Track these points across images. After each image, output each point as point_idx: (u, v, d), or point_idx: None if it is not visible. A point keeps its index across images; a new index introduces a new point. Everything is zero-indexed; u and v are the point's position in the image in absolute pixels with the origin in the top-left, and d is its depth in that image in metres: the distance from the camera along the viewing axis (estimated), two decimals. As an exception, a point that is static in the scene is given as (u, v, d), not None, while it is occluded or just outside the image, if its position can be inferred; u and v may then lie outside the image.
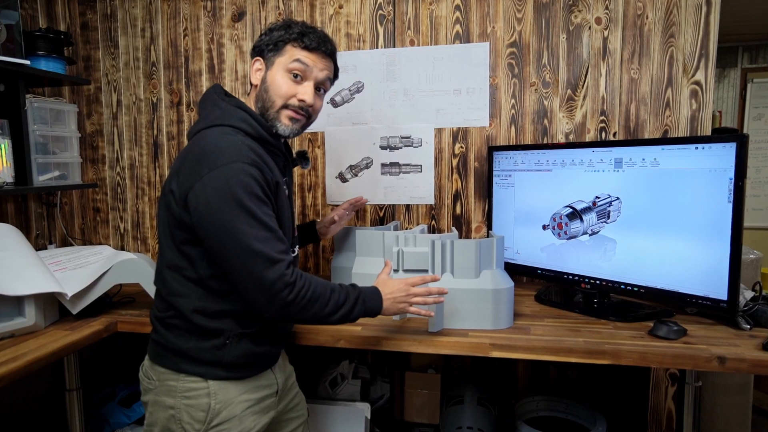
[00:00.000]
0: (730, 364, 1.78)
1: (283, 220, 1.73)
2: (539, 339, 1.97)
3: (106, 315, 2.35)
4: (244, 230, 1.53)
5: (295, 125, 1.79)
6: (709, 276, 1.98)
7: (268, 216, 1.59)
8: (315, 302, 1.62)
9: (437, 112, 2.82)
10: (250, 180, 1.56)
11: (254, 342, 1.76)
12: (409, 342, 2.01)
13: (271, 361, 1.87)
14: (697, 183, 1.99)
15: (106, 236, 3.30)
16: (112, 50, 3.17)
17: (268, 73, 1.76)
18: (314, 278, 1.66)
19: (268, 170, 1.65)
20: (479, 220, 2.85)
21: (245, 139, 1.66)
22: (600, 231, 2.27)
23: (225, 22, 3.00)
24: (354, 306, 1.71)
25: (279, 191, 1.71)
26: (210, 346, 1.70)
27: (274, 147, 1.77)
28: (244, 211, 1.54)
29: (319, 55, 1.77)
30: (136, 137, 3.20)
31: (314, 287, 1.63)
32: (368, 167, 2.92)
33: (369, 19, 2.85)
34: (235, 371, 1.74)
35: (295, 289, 1.58)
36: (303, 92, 1.75)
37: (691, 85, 2.53)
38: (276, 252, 1.56)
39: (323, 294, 1.64)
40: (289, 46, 1.75)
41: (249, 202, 1.55)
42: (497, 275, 2.13)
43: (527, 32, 2.69)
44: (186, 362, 1.71)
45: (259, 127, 1.72)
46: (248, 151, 1.60)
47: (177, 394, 1.71)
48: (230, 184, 1.54)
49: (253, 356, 1.77)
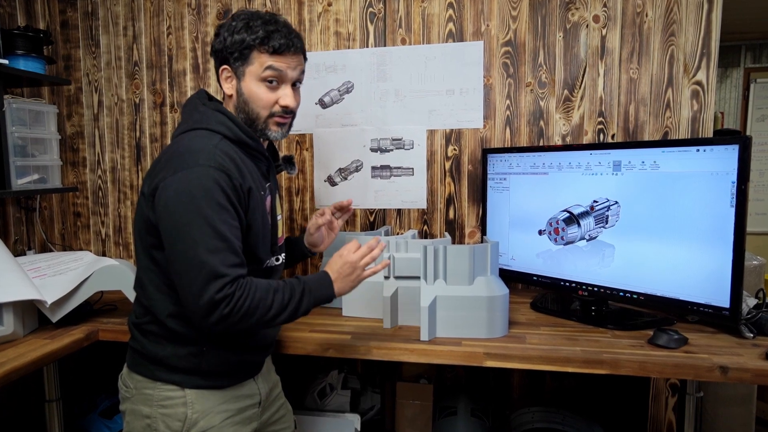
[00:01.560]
0: (733, 374, 1.78)
1: (254, 228, 1.71)
2: (535, 348, 1.96)
3: (87, 323, 2.34)
4: (195, 238, 1.51)
5: (283, 128, 1.81)
6: (711, 283, 1.98)
7: (226, 225, 1.56)
8: (256, 309, 1.57)
9: (429, 114, 2.81)
10: (213, 185, 1.54)
11: (233, 350, 1.74)
12: (401, 351, 2.02)
13: (254, 370, 1.86)
14: (698, 186, 1.98)
15: (87, 242, 3.28)
16: (93, 49, 3.16)
17: (242, 84, 1.74)
18: (257, 283, 1.60)
19: (239, 176, 1.62)
20: (473, 225, 2.83)
21: (222, 142, 1.65)
22: (598, 236, 2.26)
23: (210, 20, 2.99)
24: (300, 301, 1.67)
25: (252, 198, 1.68)
26: (186, 353, 1.69)
27: (254, 150, 1.76)
28: (200, 218, 1.52)
29: (290, 55, 1.75)
30: (118, 139, 3.18)
31: (253, 295, 1.57)
32: (358, 170, 2.91)
33: (359, 17, 2.84)
34: (213, 380, 1.73)
35: (233, 301, 1.53)
36: (284, 97, 1.76)
37: (692, 85, 2.53)
38: (223, 265, 1.53)
39: (264, 299, 1.59)
40: (255, 53, 1.71)
41: (208, 208, 1.53)
42: (492, 282, 2.12)
43: (523, 30, 2.68)
44: (162, 370, 1.70)
45: (237, 130, 1.70)
46: (219, 155, 1.59)
47: (153, 403, 1.71)
48: (191, 188, 1.53)
49: (233, 365, 1.76)
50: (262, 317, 1.59)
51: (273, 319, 1.62)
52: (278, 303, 1.62)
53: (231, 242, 1.56)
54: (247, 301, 1.55)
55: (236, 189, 1.60)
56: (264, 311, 1.59)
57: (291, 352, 2.09)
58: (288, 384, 2.16)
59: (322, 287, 1.74)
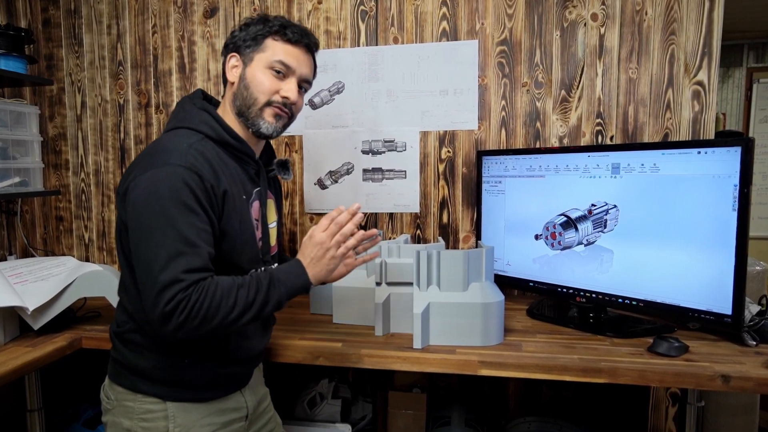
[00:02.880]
0: (735, 382, 1.77)
1: (230, 233, 1.66)
2: (531, 356, 1.95)
3: (69, 330, 2.33)
4: (157, 239, 1.48)
5: (278, 123, 1.76)
6: (713, 289, 1.97)
7: (192, 227, 1.51)
8: (217, 310, 1.49)
9: (423, 115, 2.80)
10: (181, 186, 1.51)
11: (218, 362, 1.72)
12: (393, 359, 2.00)
13: (241, 382, 1.83)
14: (699, 190, 1.98)
15: (70, 246, 3.27)
16: (76, 48, 3.15)
17: (247, 69, 1.73)
18: (218, 282, 1.52)
19: (213, 177, 1.59)
20: (467, 229, 2.83)
21: (201, 142, 1.64)
22: (596, 241, 2.25)
23: (196, 18, 2.98)
24: (268, 294, 1.58)
25: (227, 202, 1.63)
26: (168, 365, 1.67)
27: (239, 152, 1.74)
28: (165, 219, 1.48)
29: (302, 50, 1.76)
30: (101, 141, 3.17)
31: (212, 295, 1.48)
32: (349, 173, 2.90)
33: (350, 15, 2.83)
34: (196, 392, 1.70)
35: (188, 306, 1.45)
36: (287, 89, 1.73)
37: (693, 85, 2.52)
38: (182, 270, 1.47)
39: (226, 297, 1.50)
40: (269, 40, 1.72)
41: (173, 209, 1.49)
42: (486, 288, 2.11)
43: (518, 29, 2.68)
44: (143, 381, 1.68)
45: (220, 130, 1.69)
46: (192, 155, 1.57)
47: (134, 416, 1.69)
48: (158, 187, 1.50)
49: (218, 377, 1.73)
50: (226, 317, 1.51)
51: (239, 317, 1.53)
52: (243, 300, 1.53)
53: (196, 246, 1.50)
54: (205, 302, 1.47)
55: (207, 191, 1.56)
56: (227, 311, 1.50)
57: (280, 360, 2.07)
58: (277, 393, 2.14)
59: (293, 276, 1.64)
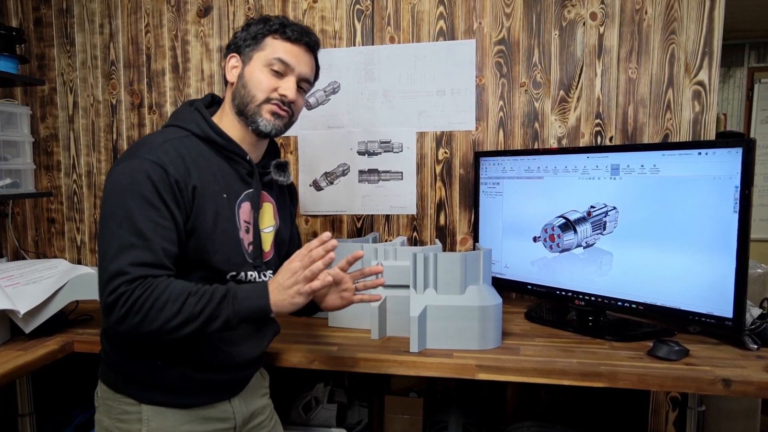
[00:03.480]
0: (736, 387, 1.77)
1: (202, 231, 1.61)
2: (529, 360, 1.95)
3: (61, 334, 2.32)
4: (113, 230, 1.49)
5: (278, 121, 1.73)
6: (713, 292, 1.97)
7: (148, 221, 1.50)
8: (159, 313, 1.44)
9: (419, 115, 2.80)
10: (143, 178, 1.51)
11: (193, 367, 1.66)
12: (389, 363, 2.00)
13: (227, 391, 1.78)
14: (700, 191, 1.98)
15: (62, 249, 3.26)
16: (68, 48, 3.14)
17: (246, 68, 1.73)
18: (169, 284, 1.47)
19: (181, 172, 1.58)
20: (465, 231, 2.83)
21: (183, 139, 1.66)
22: (595, 243, 2.25)
23: (190, 17, 2.98)
24: (218, 309, 1.49)
25: (198, 198, 1.61)
26: (143, 365, 1.65)
27: (227, 150, 1.72)
28: (122, 211, 1.49)
29: (302, 48, 1.75)
30: (94, 142, 3.16)
31: (157, 296, 1.44)
32: (345, 174, 2.90)
33: (345, 14, 2.83)
34: (173, 397, 1.67)
35: (129, 301, 1.42)
36: (285, 87, 1.71)
37: (694, 85, 2.52)
38: (129, 262, 1.45)
39: (172, 301, 1.45)
40: (269, 39, 1.72)
41: (131, 201, 1.50)
42: (484, 291, 2.11)
43: (517, 28, 2.68)
44: (122, 381, 1.68)
45: (206, 127, 1.70)
46: (163, 149, 1.58)
47: (113, 416, 1.69)
48: (122, 180, 1.53)
49: (197, 383, 1.68)
50: (168, 322, 1.45)
51: (182, 326, 1.46)
52: (189, 308, 1.46)
53: (148, 240, 1.49)
54: (148, 301, 1.43)
55: (171, 185, 1.55)
56: (170, 316, 1.44)
57: (275, 364, 2.06)
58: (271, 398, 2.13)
59: (253, 297, 1.53)
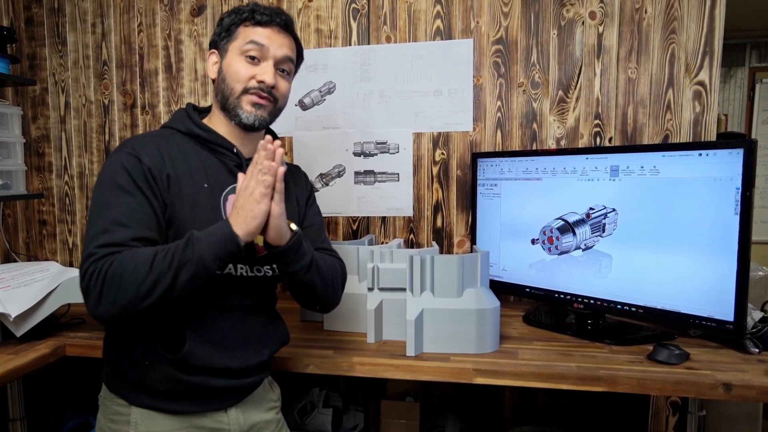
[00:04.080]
0: (737, 391, 1.77)
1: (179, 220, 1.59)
2: (528, 364, 1.95)
3: (53, 338, 2.31)
4: (92, 218, 1.53)
5: (259, 111, 1.70)
6: (714, 295, 1.96)
7: (124, 207, 1.51)
8: (132, 276, 1.40)
9: (416, 116, 2.80)
10: (118, 168, 1.56)
11: (178, 368, 1.61)
12: (385, 367, 2.00)
13: (225, 400, 1.72)
14: (700, 193, 1.97)
15: (53, 251, 3.26)
16: (59, 47, 3.14)
17: (223, 62, 1.73)
18: (137, 251, 1.45)
19: (156, 161, 1.59)
20: (462, 233, 2.82)
21: (167, 136, 1.70)
22: (594, 246, 2.24)
23: (183, 16, 2.98)
24: (185, 256, 1.44)
25: (173, 186, 1.60)
26: (131, 365, 1.62)
27: (211, 143, 1.72)
28: (102, 202, 1.53)
29: (274, 30, 1.72)
30: (86, 143, 3.16)
31: (125, 264, 1.41)
32: (340, 176, 2.90)
33: (341, 13, 2.83)
34: (161, 401, 1.63)
35: (100, 277, 1.40)
36: (261, 72, 1.68)
37: (694, 85, 2.52)
38: (99, 245, 1.45)
39: (142, 265, 1.41)
40: (241, 28, 1.71)
41: (108, 190, 1.54)
42: (482, 294, 2.11)
43: (515, 28, 2.67)
44: (116, 381, 1.67)
45: (189, 123, 1.73)
46: (141, 142, 1.63)
47: (106, 415, 1.69)
48: (102, 174, 1.58)
49: (186, 387, 1.62)
50: (141, 286, 1.40)
51: (155, 286, 1.41)
52: (158, 266, 1.42)
53: (124, 225, 1.49)
54: (118, 270, 1.40)
55: (144, 173, 1.56)
56: (141, 278, 1.40)
57: (268, 369, 2.05)
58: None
59: (215, 229, 1.49)
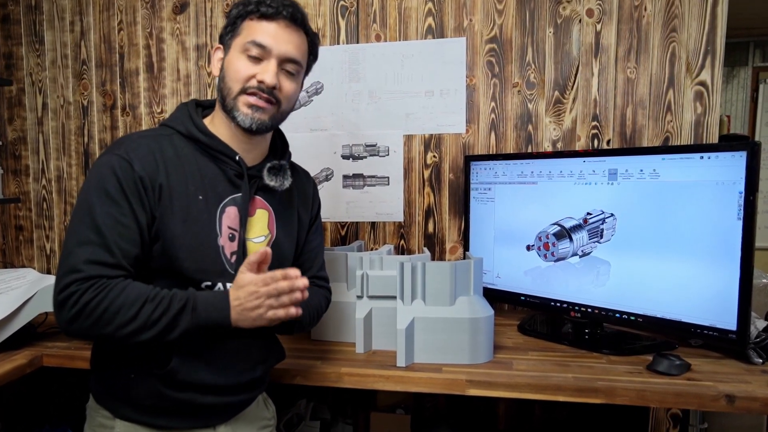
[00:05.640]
0: (740, 403, 1.76)
1: (169, 233, 1.56)
2: (522, 375, 1.94)
3: (30, 347, 2.30)
4: (74, 226, 1.50)
5: (257, 114, 1.62)
6: (716, 303, 1.96)
7: (108, 217, 1.49)
8: (114, 317, 1.42)
9: (407, 117, 2.80)
10: (107, 172, 1.52)
11: (163, 383, 1.59)
12: (375, 378, 2.00)
13: (213, 417, 1.70)
14: (702, 197, 1.97)
15: (30, 258, 3.25)
16: (36, 46, 3.13)
17: (226, 58, 1.66)
18: (126, 287, 1.46)
19: (149, 168, 1.55)
20: (454, 239, 2.82)
21: (165, 137, 1.65)
22: (592, 252, 2.24)
23: (165, 14, 2.97)
24: (177, 319, 1.46)
25: (164, 196, 1.57)
26: (117, 377, 1.62)
27: (212, 149, 1.66)
28: (86, 206, 1.50)
29: (280, 24, 1.61)
30: (64, 145, 3.15)
31: (112, 299, 1.42)
32: (328, 179, 2.89)
33: (329, 11, 2.83)
34: (146, 416, 1.62)
35: (81, 301, 1.41)
36: (262, 72, 1.60)
37: (696, 86, 2.52)
38: (83, 260, 1.45)
39: (128, 306, 1.43)
40: (246, 22, 1.62)
41: (94, 196, 1.50)
42: (475, 302, 2.10)
43: (509, 26, 2.67)
44: (102, 392, 1.66)
45: (190, 125, 1.67)
46: (135, 144, 1.58)
47: (91, 427, 1.70)
48: (90, 175, 1.54)
49: (171, 402, 1.60)
50: (121, 329, 1.43)
51: (136, 333, 1.44)
52: (145, 316, 1.44)
53: (106, 237, 1.47)
54: (102, 305, 1.42)
55: (135, 181, 1.52)
56: (124, 321, 1.43)
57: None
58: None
59: (214, 310, 1.50)
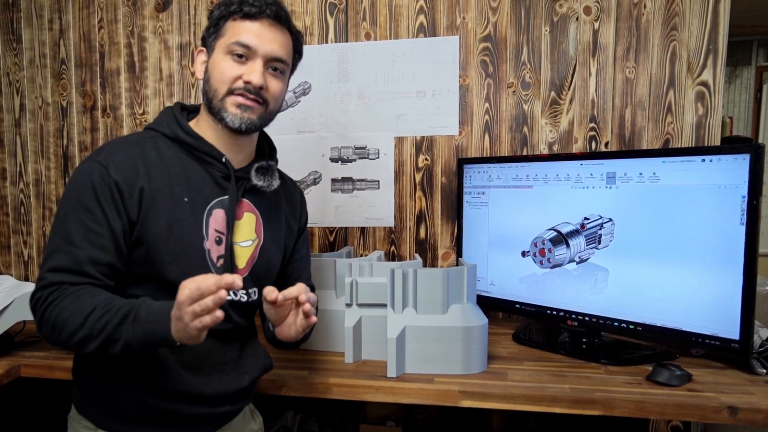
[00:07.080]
0: (743, 415, 1.77)
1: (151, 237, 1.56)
2: (518, 386, 1.94)
3: (7, 357, 2.31)
4: (52, 231, 1.54)
5: (246, 113, 1.63)
6: (718, 311, 1.96)
7: (79, 224, 1.50)
8: (63, 325, 1.40)
9: (398, 119, 2.80)
10: (84, 179, 1.53)
11: (148, 391, 1.59)
12: (365, 389, 1.99)
13: (198, 428, 1.70)
14: (703, 201, 1.97)
15: (7, 264, 3.26)
16: (14, 45, 3.13)
17: (210, 61, 1.67)
18: (81, 296, 1.43)
19: (126, 172, 1.55)
20: (447, 245, 2.82)
21: (149, 139, 1.66)
22: (589, 258, 2.24)
23: (147, 12, 2.98)
24: (117, 331, 1.38)
25: (144, 200, 1.56)
26: (100, 386, 1.61)
27: (198, 150, 1.66)
28: (60, 215, 1.53)
29: (265, 23, 1.63)
30: (42, 148, 3.16)
31: (63, 308, 1.41)
32: (316, 183, 2.89)
33: (317, 8, 2.83)
34: (131, 427, 1.61)
35: (41, 308, 1.45)
36: (248, 72, 1.61)
37: (697, 86, 2.52)
38: (48, 268, 1.47)
39: (75, 316, 1.39)
40: (229, 23, 1.63)
41: (68, 205, 1.53)
42: (468, 310, 2.10)
43: (503, 24, 2.67)
44: (84, 402, 1.65)
45: (175, 126, 1.67)
46: (117, 148, 1.60)
47: None
48: (68, 184, 1.57)
49: (156, 412, 1.60)
50: (72, 336, 1.41)
51: (84, 342, 1.40)
52: (90, 325, 1.39)
53: (74, 245, 1.48)
54: (55, 310, 1.42)
55: (111, 187, 1.52)
56: (73, 330, 1.40)
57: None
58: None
59: (154, 321, 1.38)
